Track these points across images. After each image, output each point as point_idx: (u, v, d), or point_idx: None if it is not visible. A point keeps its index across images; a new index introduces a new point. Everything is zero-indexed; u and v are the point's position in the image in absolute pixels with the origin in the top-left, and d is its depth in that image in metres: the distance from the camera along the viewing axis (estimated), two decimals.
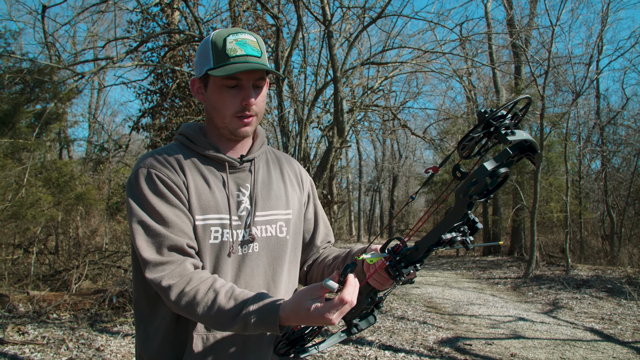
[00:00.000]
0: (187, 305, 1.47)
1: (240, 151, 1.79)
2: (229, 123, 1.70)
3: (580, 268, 14.68)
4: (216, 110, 1.70)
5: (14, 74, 9.25)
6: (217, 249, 1.65)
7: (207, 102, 1.73)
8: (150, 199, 1.58)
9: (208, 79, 1.69)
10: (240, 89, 1.66)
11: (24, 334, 6.70)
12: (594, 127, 20.79)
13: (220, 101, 1.67)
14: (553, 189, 18.37)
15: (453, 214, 1.36)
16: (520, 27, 15.46)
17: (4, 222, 8.95)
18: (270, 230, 1.76)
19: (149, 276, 1.52)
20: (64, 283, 9.49)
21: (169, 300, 1.50)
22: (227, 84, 1.65)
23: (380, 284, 1.51)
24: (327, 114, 15.65)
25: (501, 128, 1.26)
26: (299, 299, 1.38)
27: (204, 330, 1.62)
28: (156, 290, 1.53)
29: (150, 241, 1.54)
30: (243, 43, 1.65)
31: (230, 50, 1.62)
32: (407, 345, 6.92)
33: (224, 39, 1.64)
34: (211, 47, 1.65)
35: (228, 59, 1.62)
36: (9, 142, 8.80)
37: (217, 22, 14.62)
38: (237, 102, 1.67)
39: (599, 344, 7.23)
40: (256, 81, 1.68)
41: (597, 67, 16.36)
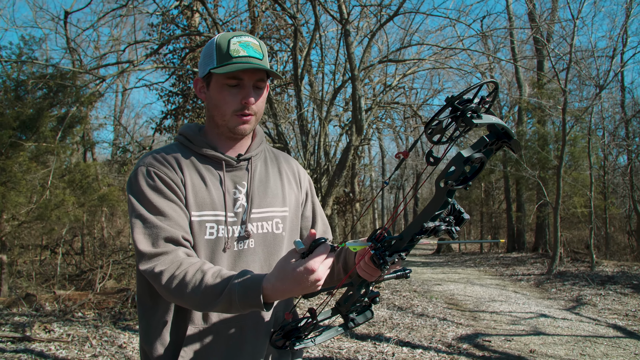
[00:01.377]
0: (177, 288, 1.50)
1: (238, 150, 1.85)
2: (228, 120, 1.76)
3: (606, 264, 14.49)
4: (217, 107, 1.76)
5: (37, 80, 9.47)
6: (213, 245, 1.71)
7: (209, 101, 1.80)
8: (148, 194, 1.65)
9: (211, 78, 1.77)
10: (241, 88, 1.73)
11: (50, 332, 6.87)
12: (620, 121, 20.47)
13: (222, 99, 1.74)
14: (577, 184, 18.14)
15: (433, 203, 1.38)
16: (541, 21, 15.28)
17: (30, 224, 9.17)
18: (267, 227, 1.81)
19: (142, 267, 1.56)
20: (88, 282, 9.69)
21: (160, 286, 1.54)
22: (229, 82, 1.72)
23: (369, 274, 1.54)
24: (347, 112, 15.68)
25: (467, 111, 1.24)
26: (281, 266, 1.40)
27: (201, 323, 1.67)
28: (150, 280, 1.57)
29: (147, 233, 1.60)
30: (246, 45, 1.73)
31: (233, 51, 1.70)
32: (426, 341, 6.93)
33: (228, 41, 1.72)
34: (215, 48, 1.73)
35: (231, 58, 1.69)
36: (33, 146, 9.01)
37: (236, 24, 14.76)
38: (238, 100, 1.73)
39: (621, 341, 7.15)
40: (257, 82, 1.75)
41: (622, 60, 16.08)
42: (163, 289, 1.53)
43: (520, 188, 21.82)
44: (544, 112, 18.40)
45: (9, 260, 9.40)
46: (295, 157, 11.65)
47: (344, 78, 12.99)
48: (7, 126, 8.38)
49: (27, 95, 9.58)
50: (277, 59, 14.75)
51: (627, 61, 16.06)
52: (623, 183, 20.47)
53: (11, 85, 9.70)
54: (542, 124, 20.31)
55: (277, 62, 14.74)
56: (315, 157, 11.21)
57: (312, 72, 14.04)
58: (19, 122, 8.68)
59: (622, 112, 20.01)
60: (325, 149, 11.63)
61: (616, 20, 20.37)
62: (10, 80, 9.76)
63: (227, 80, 1.72)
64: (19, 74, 9.97)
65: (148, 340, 1.71)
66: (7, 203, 8.37)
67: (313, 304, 9.24)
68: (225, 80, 1.72)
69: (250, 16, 14.35)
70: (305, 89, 14.12)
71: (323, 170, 11.39)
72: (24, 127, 8.76)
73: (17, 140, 8.65)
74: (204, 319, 1.68)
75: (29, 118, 8.77)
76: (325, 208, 10.84)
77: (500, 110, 24.00)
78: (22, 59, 9.92)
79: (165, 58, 15.29)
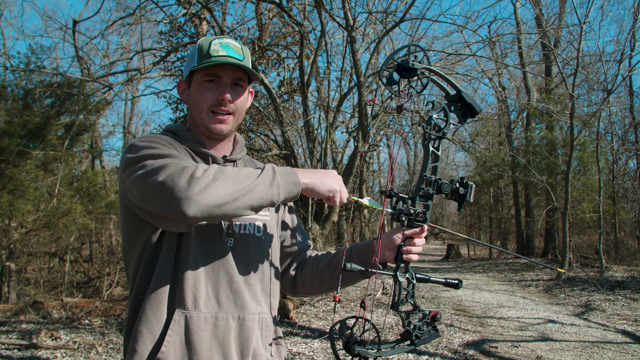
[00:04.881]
0: (209, 175, 1.46)
1: (222, 152, 1.88)
2: (205, 118, 1.79)
3: (615, 269, 14.37)
4: (195, 105, 1.80)
5: (45, 88, 9.55)
6: (204, 230, 1.71)
7: (189, 100, 1.84)
8: (155, 146, 1.64)
9: (191, 78, 1.81)
10: (219, 85, 1.78)
11: (57, 339, 6.90)
12: (629, 126, 20.34)
13: (199, 95, 1.78)
14: (586, 189, 18.03)
15: (424, 157, 1.70)
16: (548, 26, 15.25)
17: (38, 232, 9.22)
18: (249, 229, 1.81)
19: (161, 177, 1.46)
20: (96, 290, 9.73)
21: (189, 176, 1.44)
22: (207, 79, 1.77)
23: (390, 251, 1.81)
24: (354, 118, 15.69)
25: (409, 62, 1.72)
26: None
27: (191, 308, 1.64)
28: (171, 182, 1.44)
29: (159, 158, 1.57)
30: (226, 46, 1.78)
31: (213, 50, 1.75)
32: (432, 348, 6.90)
33: (210, 42, 1.77)
34: (197, 50, 1.78)
35: (210, 57, 1.74)
36: (41, 154, 9.08)
37: (243, 31, 14.81)
38: (215, 96, 1.77)
39: (630, 346, 7.09)
40: (235, 80, 1.80)
41: (630, 64, 15.97)
42: (192, 179, 1.43)
43: (529, 193, 21.73)
44: (551, 118, 18.33)
45: (17, 267, 9.46)
46: (302, 164, 11.66)
47: (350, 84, 13.00)
48: (15, 134, 8.46)
49: (35, 103, 9.66)
50: (284, 66, 14.80)
51: (635, 65, 15.93)
52: (632, 188, 20.31)
53: (19, 93, 9.79)
54: (550, 129, 20.23)
55: (284, 69, 14.78)
56: (322, 164, 11.21)
57: (319, 79, 14.07)
58: (27, 131, 8.76)
59: (631, 116, 19.89)
60: (332, 155, 11.63)
61: (624, 25, 20.22)
62: (19, 89, 9.85)
63: (205, 77, 1.76)
64: (27, 83, 10.06)
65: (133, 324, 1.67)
66: (15, 211, 8.44)
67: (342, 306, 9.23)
68: (203, 77, 1.77)
69: (257, 24, 14.41)
70: (313, 95, 14.15)
71: None
72: (31, 135, 8.84)
73: (25, 149, 8.73)
74: (194, 304, 1.64)
75: (37, 126, 8.84)
76: (332, 214, 10.84)
77: (509, 116, 23.92)
78: (30, 67, 10.02)
79: (173, 65, 15.37)
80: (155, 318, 1.62)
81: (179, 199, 1.41)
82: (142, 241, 1.69)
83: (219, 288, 1.69)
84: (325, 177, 1.66)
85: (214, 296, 1.68)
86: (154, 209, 1.49)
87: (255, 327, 1.74)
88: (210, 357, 1.64)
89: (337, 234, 21.00)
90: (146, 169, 1.52)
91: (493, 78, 21.71)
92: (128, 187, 1.59)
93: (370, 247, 1.91)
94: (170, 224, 1.52)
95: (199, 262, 1.68)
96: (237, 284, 1.72)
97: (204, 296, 1.66)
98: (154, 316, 1.62)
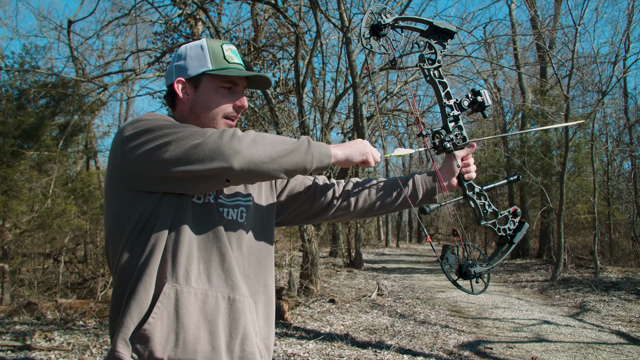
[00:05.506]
0: (254, 136, 1.58)
1: None
2: (218, 124, 1.81)
3: (610, 270, 14.40)
4: (207, 108, 1.80)
5: (39, 88, 9.53)
6: (202, 210, 1.74)
7: (196, 102, 1.82)
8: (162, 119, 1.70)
9: (200, 79, 1.81)
10: (234, 92, 1.82)
11: (51, 340, 6.87)
12: (624, 127, 20.42)
13: (215, 101, 1.80)
14: (581, 190, 18.08)
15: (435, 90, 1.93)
16: (543, 28, 15.28)
17: (32, 233, 9.19)
18: (232, 215, 1.82)
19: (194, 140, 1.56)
20: (90, 291, 9.69)
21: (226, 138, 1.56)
22: (225, 85, 1.81)
23: (451, 170, 2.03)
24: (350, 119, 15.69)
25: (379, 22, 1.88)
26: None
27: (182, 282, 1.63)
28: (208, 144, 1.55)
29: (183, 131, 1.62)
30: (236, 53, 1.85)
31: (228, 57, 1.81)
32: (427, 349, 6.90)
33: (221, 46, 1.81)
34: (208, 52, 1.80)
35: (228, 63, 1.80)
36: (35, 155, 9.05)
37: (239, 32, 14.79)
38: (230, 103, 1.82)
39: (624, 347, 7.11)
40: (244, 87, 1.88)
41: (624, 66, 16.03)
42: (234, 136, 1.56)
43: (524, 194, 21.77)
44: (546, 119, 18.38)
45: (11, 268, 9.43)
46: None
47: (345, 85, 13.01)
48: (9, 135, 8.43)
49: (30, 104, 9.63)
50: (279, 66, 14.78)
51: (629, 67, 16.04)
52: (627, 189, 20.39)
53: (14, 94, 9.75)
54: (545, 130, 20.28)
55: (279, 70, 14.77)
56: None
57: (315, 80, 14.08)
58: (21, 131, 8.73)
59: (626, 117, 19.97)
60: None
61: (618, 27, 20.37)
62: (13, 89, 9.82)
63: (223, 83, 1.80)
64: (21, 83, 10.02)
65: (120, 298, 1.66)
66: (9, 211, 8.40)
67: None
68: (220, 83, 1.79)
69: (253, 24, 14.39)
70: (308, 96, 14.14)
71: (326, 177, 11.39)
72: (25, 136, 8.81)
73: (19, 149, 8.70)
74: (185, 279, 1.64)
75: (31, 127, 8.82)
76: None
77: (504, 117, 23.96)
78: (24, 67, 9.98)
79: (168, 66, 15.32)
80: (144, 291, 1.61)
81: (227, 153, 1.52)
82: (135, 218, 1.67)
83: (210, 266, 1.70)
84: (353, 145, 1.84)
85: (205, 273, 1.68)
86: (194, 168, 1.55)
87: (247, 310, 1.74)
88: (197, 333, 1.63)
89: (333, 234, 20.99)
90: (175, 135, 1.58)
91: (488, 79, 21.73)
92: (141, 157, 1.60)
93: (432, 178, 2.11)
94: (208, 182, 1.61)
95: (193, 240, 1.69)
96: (229, 264, 1.73)
97: (195, 272, 1.66)
98: (143, 289, 1.61)
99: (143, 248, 1.65)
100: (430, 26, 1.97)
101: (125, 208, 1.69)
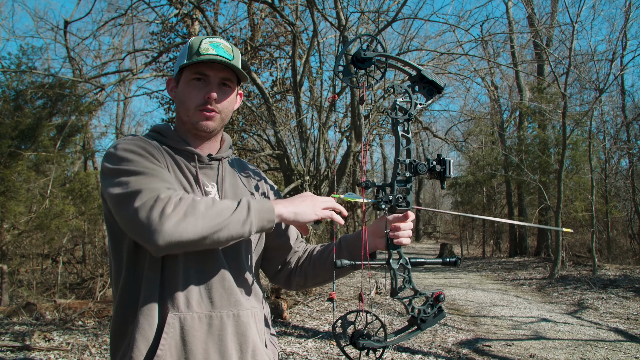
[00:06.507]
0: (184, 207, 1.49)
1: (208, 150, 1.88)
2: (192, 116, 1.79)
3: (608, 268, 14.44)
4: (182, 103, 1.81)
5: (36, 89, 9.51)
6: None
7: (177, 98, 1.84)
8: (134, 158, 1.64)
9: (180, 76, 1.82)
10: (206, 84, 1.78)
11: (50, 341, 6.87)
12: (622, 125, 20.45)
13: (187, 94, 1.78)
14: (578, 188, 18.11)
15: (395, 142, 1.77)
16: (540, 25, 15.30)
17: (30, 233, 9.18)
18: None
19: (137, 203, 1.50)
20: (89, 291, 9.69)
21: (161, 211, 1.47)
22: (194, 77, 1.78)
23: (379, 238, 1.86)
24: (347, 118, 15.70)
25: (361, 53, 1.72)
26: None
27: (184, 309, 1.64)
28: (145, 212, 1.49)
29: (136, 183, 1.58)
30: (216, 45, 1.79)
31: (203, 49, 1.76)
32: (425, 347, 6.91)
33: (200, 41, 1.79)
34: (187, 48, 1.79)
35: (199, 55, 1.75)
36: (33, 155, 9.04)
37: (236, 31, 14.79)
38: (201, 95, 1.77)
39: (622, 344, 7.13)
40: (223, 80, 1.80)
41: (622, 63, 16.06)
42: (163, 215, 1.47)
43: (522, 192, 21.80)
44: (544, 117, 18.41)
45: (9, 269, 9.42)
46: (295, 164, 11.65)
47: (342, 84, 13.00)
48: (6, 136, 8.42)
49: (27, 104, 9.62)
50: (276, 65, 14.78)
51: (626, 64, 16.11)
52: (625, 186, 20.42)
53: (10, 95, 9.74)
54: (543, 128, 20.31)
55: (276, 69, 14.77)
56: (315, 163, 11.20)
57: (312, 79, 14.07)
58: (18, 132, 8.72)
59: (623, 115, 19.99)
60: (325, 155, 11.61)
61: (615, 24, 20.48)
62: (10, 90, 9.80)
63: (192, 75, 1.77)
64: (18, 84, 10.01)
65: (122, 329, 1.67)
66: (7, 212, 8.40)
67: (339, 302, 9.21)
68: (191, 75, 1.77)
69: (249, 24, 14.38)
70: (305, 95, 14.13)
71: (323, 176, 11.38)
72: (23, 137, 8.80)
73: (16, 150, 8.68)
74: (186, 305, 1.64)
75: (28, 127, 8.80)
76: None
77: (501, 115, 23.99)
78: (21, 68, 9.97)
79: (165, 66, 15.32)
80: (147, 323, 1.61)
81: (150, 233, 1.45)
82: (127, 243, 1.68)
83: (211, 288, 1.69)
84: (304, 202, 1.70)
85: (207, 296, 1.68)
86: (128, 233, 1.57)
87: (251, 322, 1.75)
88: (206, 356, 1.63)
89: (330, 233, 21.00)
90: (120, 189, 1.56)
91: (485, 77, 21.78)
92: (106, 198, 1.61)
93: (358, 239, 1.93)
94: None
95: (190, 264, 1.68)
96: (229, 282, 1.73)
97: (196, 297, 1.66)
98: (146, 322, 1.61)
99: (138, 276, 1.66)
100: (418, 73, 1.82)
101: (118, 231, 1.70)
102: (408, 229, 1.81)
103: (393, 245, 1.76)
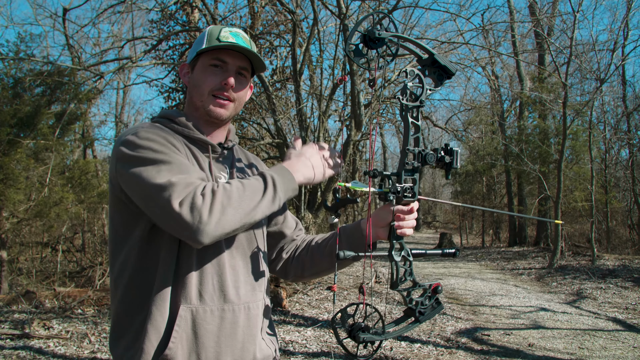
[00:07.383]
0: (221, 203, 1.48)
1: (216, 139, 1.85)
2: (205, 100, 1.77)
3: (607, 258, 14.46)
4: (197, 87, 1.78)
5: (35, 77, 9.46)
6: None
7: (191, 83, 1.82)
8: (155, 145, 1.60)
9: (197, 61, 1.80)
10: (224, 70, 1.77)
11: (49, 329, 6.89)
12: (622, 115, 20.41)
13: (202, 78, 1.77)
14: (578, 178, 18.11)
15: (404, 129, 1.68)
16: (541, 15, 15.23)
17: (30, 221, 9.17)
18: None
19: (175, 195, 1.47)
20: (88, 279, 9.71)
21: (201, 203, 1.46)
22: (213, 62, 1.76)
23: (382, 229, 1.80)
24: (347, 107, 15.67)
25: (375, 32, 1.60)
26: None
27: (196, 302, 1.63)
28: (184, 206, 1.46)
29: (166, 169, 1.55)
30: (236, 34, 1.78)
31: (222, 37, 1.75)
32: (424, 335, 6.93)
33: (220, 29, 1.77)
34: (207, 35, 1.77)
35: (219, 42, 1.73)
36: (32, 143, 9.02)
37: (235, 19, 14.70)
38: (218, 80, 1.76)
39: (620, 334, 7.15)
40: (240, 69, 1.79)
41: (623, 53, 16.00)
42: (203, 210, 1.46)
43: (522, 182, 21.80)
44: (544, 106, 18.36)
45: (9, 257, 9.43)
46: None
47: (343, 73, 12.94)
48: (5, 123, 8.38)
49: (25, 92, 9.57)
50: (276, 54, 14.71)
51: (628, 54, 16.06)
52: (625, 177, 20.42)
53: (9, 82, 9.69)
54: (543, 118, 20.27)
55: (276, 57, 14.70)
56: None
57: (312, 68, 14.02)
58: (17, 120, 8.68)
59: (624, 105, 19.95)
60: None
61: (617, 14, 20.36)
62: (8, 78, 9.75)
63: (211, 61, 1.76)
64: (17, 71, 9.96)
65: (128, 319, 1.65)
66: (6, 200, 8.38)
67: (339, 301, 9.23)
68: (209, 61, 1.76)
69: (249, 12, 14.30)
70: (305, 84, 14.08)
71: None
72: (22, 125, 8.76)
73: (15, 138, 8.65)
74: (198, 298, 1.63)
75: (27, 115, 8.76)
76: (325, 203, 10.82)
77: (502, 105, 23.92)
78: (19, 56, 9.91)
79: (164, 54, 15.24)
80: (160, 315, 1.60)
81: (193, 232, 1.45)
82: (140, 231, 1.65)
83: (224, 281, 1.68)
84: (312, 164, 1.76)
85: (219, 289, 1.67)
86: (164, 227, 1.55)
87: (260, 314, 1.77)
88: (218, 349, 1.64)
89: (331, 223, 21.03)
90: (151, 180, 1.51)
91: (486, 67, 21.72)
92: (125, 183, 1.58)
93: (358, 229, 1.92)
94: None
95: (204, 257, 1.67)
96: (242, 275, 1.73)
97: (209, 290, 1.65)
98: (159, 313, 1.60)
99: (149, 268, 1.64)
100: (430, 57, 1.74)
101: (128, 221, 1.67)
102: (412, 220, 1.79)
103: (396, 235, 1.72)
